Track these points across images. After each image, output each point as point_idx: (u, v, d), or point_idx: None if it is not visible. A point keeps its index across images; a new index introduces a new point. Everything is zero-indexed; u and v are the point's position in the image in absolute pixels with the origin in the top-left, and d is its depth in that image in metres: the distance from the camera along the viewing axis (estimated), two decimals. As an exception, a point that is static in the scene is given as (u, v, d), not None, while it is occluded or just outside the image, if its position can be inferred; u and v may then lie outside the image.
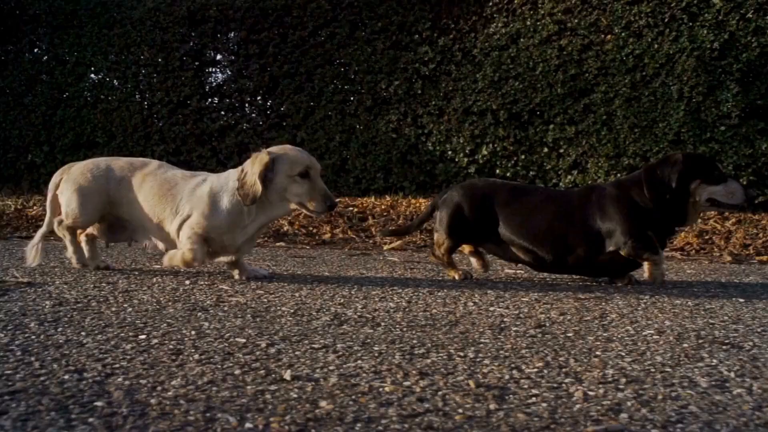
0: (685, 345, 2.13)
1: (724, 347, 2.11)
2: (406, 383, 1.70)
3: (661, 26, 6.93)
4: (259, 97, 8.15)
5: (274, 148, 3.14)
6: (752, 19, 6.71)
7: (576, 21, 7.09)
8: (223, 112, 8.12)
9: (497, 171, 7.32)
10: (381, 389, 1.65)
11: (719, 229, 5.67)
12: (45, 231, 3.49)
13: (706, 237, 5.47)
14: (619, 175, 6.95)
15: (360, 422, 1.44)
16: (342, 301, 2.82)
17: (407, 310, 2.65)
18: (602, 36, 7.07)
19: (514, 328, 2.34)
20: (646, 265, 3.34)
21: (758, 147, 6.70)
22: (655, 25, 6.94)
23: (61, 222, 3.42)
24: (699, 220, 5.99)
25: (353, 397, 1.59)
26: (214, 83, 8.22)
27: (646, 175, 3.25)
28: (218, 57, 8.16)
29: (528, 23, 7.20)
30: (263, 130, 7.93)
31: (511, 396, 1.61)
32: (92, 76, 8.42)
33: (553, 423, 1.44)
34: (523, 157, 7.24)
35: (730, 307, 2.81)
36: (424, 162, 7.57)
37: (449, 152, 7.43)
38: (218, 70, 8.23)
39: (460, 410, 1.51)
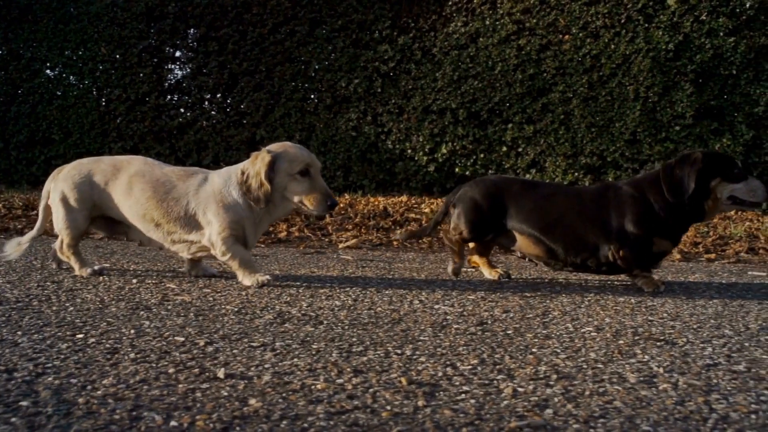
0: (621, 342, 2.16)
1: (658, 343, 2.14)
2: (339, 381, 1.70)
3: (617, 27, 7.01)
4: (218, 95, 8.09)
5: (273, 146, 3.06)
6: (706, 21, 6.82)
7: (534, 21, 7.15)
8: (182, 110, 8.04)
9: (456, 170, 7.35)
10: (313, 387, 1.65)
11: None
12: (34, 235, 3.40)
13: (659, 235, 5.53)
14: (576, 174, 7.02)
15: (286, 419, 1.44)
16: (288, 299, 2.81)
17: (352, 308, 2.65)
18: (560, 36, 7.14)
19: (456, 326, 2.35)
20: (636, 280, 3.29)
21: (712, 146, 6.81)
22: (612, 26, 7.02)
23: (61, 245, 3.29)
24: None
25: (284, 394, 1.59)
26: (173, 80, 8.14)
27: (665, 174, 3.18)
28: (177, 54, 8.08)
29: (487, 23, 7.23)
30: (222, 127, 7.87)
31: (441, 393, 1.62)
32: (48, 71, 8.29)
33: (478, 419, 1.45)
34: (482, 155, 7.28)
35: (671, 304, 2.85)
36: (384, 160, 7.57)
37: (409, 151, 7.44)
38: (177, 66, 8.15)
39: (389, 407, 1.52)
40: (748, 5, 6.80)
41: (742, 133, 6.81)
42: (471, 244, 3.59)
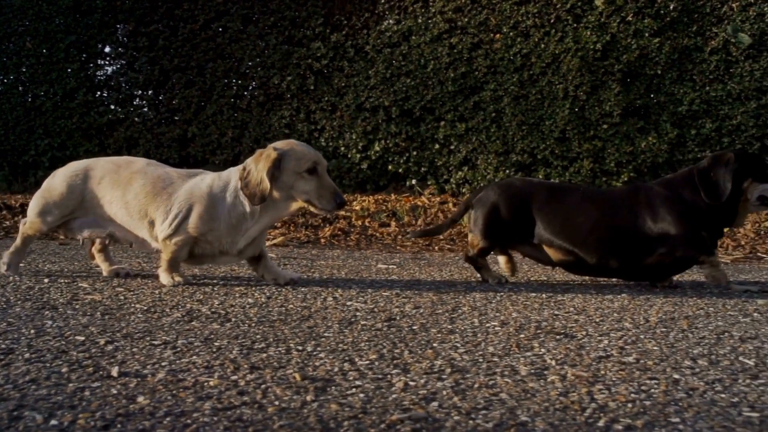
0: (522, 335, 2.20)
1: (557, 337, 2.18)
2: (234, 377, 1.70)
3: (547, 27, 7.12)
4: (149, 91, 7.97)
5: (278, 144, 2.97)
6: (632, 22, 6.97)
7: (466, 20, 7.21)
8: (112, 106, 7.91)
9: (389, 167, 7.38)
10: (206, 384, 1.64)
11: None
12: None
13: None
14: (508, 172, 7.12)
15: (171, 416, 1.43)
16: (201, 297, 2.79)
17: (264, 305, 2.64)
18: (491, 35, 7.22)
19: (363, 322, 2.36)
20: (705, 268, 3.27)
21: (638, 144, 6.97)
22: (542, 25, 7.13)
23: (25, 224, 3.21)
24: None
25: (174, 392, 1.58)
26: (103, 76, 7.99)
27: (701, 176, 3.13)
28: (107, 49, 7.94)
29: (419, 21, 7.28)
30: (153, 124, 7.76)
31: (333, 388, 1.63)
32: (-28, 66, 8.07)
33: (362, 413, 1.46)
34: (414, 153, 7.32)
35: (580, 299, 2.92)
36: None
37: (342, 148, 7.45)
38: (106, 62, 8.01)
39: (276, 402, 1.52)
40: (672, 7, 6.98)
41: (667, 132, 6.98)
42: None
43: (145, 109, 7.95)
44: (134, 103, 7.99)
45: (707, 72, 6.98)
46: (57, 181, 3.14)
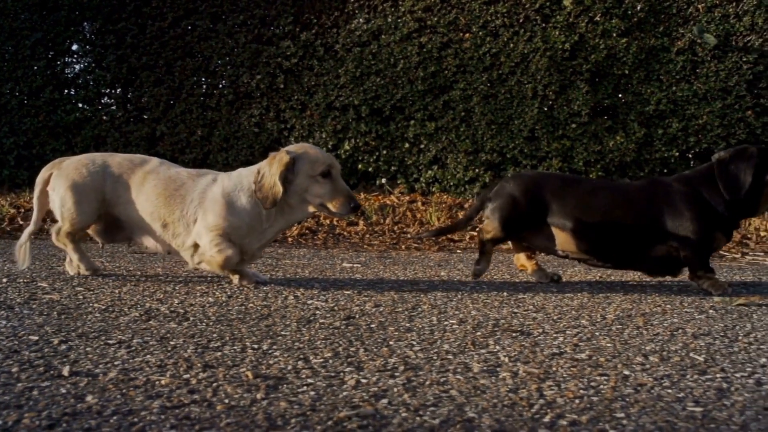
0: (478, 333, 2.21)
1: (513, 334, 2.20)
2: (186, 376, 1.70)
3: (516, 26, 7.15)
4: (118, 89, 7.90)
5: (292, 147, 2.96)
6: (600, 22, 7.02)
7: (435, 19, 7.23)
8: (79, 104, 7.82)
9: (359, 166, 7.37)
10: (157, 382, 1.64)
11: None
12: (32, 230, 3.21)
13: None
14: (478, 171, 7.14)
15: (118, 415, 1.42)
16: (161, 296, 2.78)
17: (224, 304, 2.63)
18: (461, 34, 7.24)
19: (322, 321, 2.37)
20: (701, 282, 3.18)
21: (606, 144, 7.03)
22: (511, 25, 7.16)
23: (59, 231, 3.13)
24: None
25: (124, 390, 1.58)
26: (70, 74, 7.90)
27: (720, 170, 3.10)
28: (74, 47, 7.85)
29: (389, 20, 7.28)
30: (122, 122, 7.69)
31: (284, 386, 1.63)
32: (-64, 64, 7.95)
33: (311, 410, 1.46)
34: (384, 152, 7.33)
35: (541, 297, 2.94)
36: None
37: (312, 147, 7.42)
38: (73, 60, 7.92)
39: (226, 400, 1.52)
40: (639, 8, 7.04)
41: (635, 131, 7.04)
42: (504, 246, 3.36)
43: (113, 108, 7.87)
44: (102, 101, 7.91)
45: (674, 72, 7.05)
46: (78, 179, 3.07)
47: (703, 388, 1.65)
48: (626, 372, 1.78)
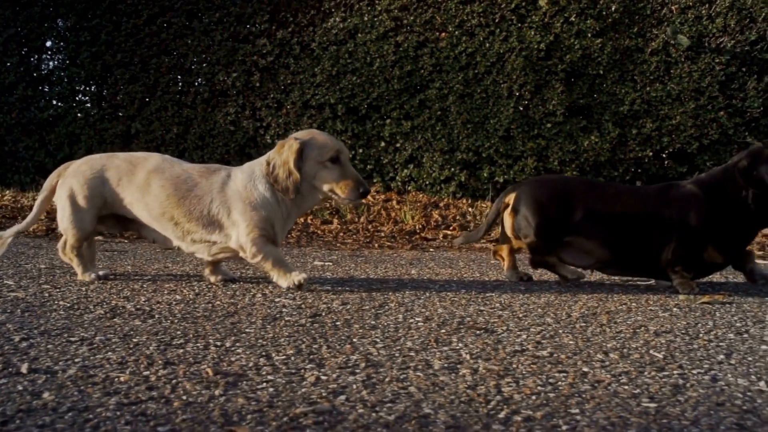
0: (443, 331, 2.22)
1: (477, 332, 2.21)
2: (146, 373, 1.69)
3: (492, 26, 7.18)
4: (93, 86, 7.84)
5: (299, 134, 2.91)
6: (575, 23, 7.07)
7: (412, 18, 7.24)
8: (53, 101, 7.76)
9: (335, 165, 7.37)
10: (116, 379, 1.63)
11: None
12: (21, 228, 3.14)
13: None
14: (452, 169, 7.16)
15: (73, 411, 1.42)
16: (128, 294, 2.77)
17: (191, 302, 2.63)
18: (437, 34, 7.25)
19: (288, 318, 2.37)
20: (673, 278, 3.16)
21: (581, 143, 7.07)
22: (487, 24, 7.18)
23: (64, 245, 3.07)
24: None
25: (82, 387, 1.57)
26: (44, 70, 7.84)
27: (741, 173, 3.05)
28: (48, 43, 7.79)
29: (365, 19, 7.28)
30: (96, 120, 7.64)
31: (244, 382, 1.63)
32: None
33: (268, 406, 1.46)
34: (360, 150, 7.33)
35: (508, 295, 2.95)
36: (263, 155, 7.51)
37: (288, 145, 7.40)
38: (48, 56, 7.85)
39: (184, 397, 1.52)
40: (613, 8, 7.09)
41: (609, 131, 7.09)
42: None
43: (88, 105, 7.82)
44: (76, 98, 7.84)
45: (648, 73, 7.11)
46: (76, 187, 3.01)
47: (659, 385, 1.67)
48: (585, 369, 1.80)
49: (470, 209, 6.49)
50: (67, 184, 3.02)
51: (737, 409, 1.50)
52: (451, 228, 5.76)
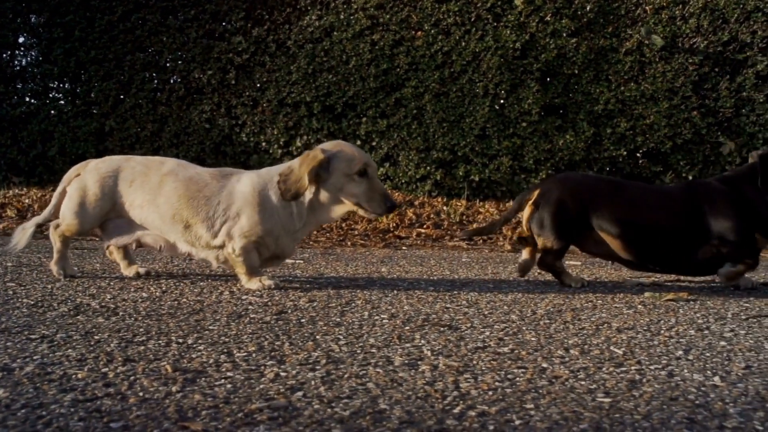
0: (407, 328, 2.22)
1: (441, 329, 2.22)
2: (104, 370, 1.68)
3: (468, 25, 7.20)
4: (67, 83, 7.78)
5: (327, 145, 2.87)
6: (550, 22, 7.11)
7: (388, 17, 7.25)
8: (26, 98, 7.68)
9: (311, 163, 7.36)
10: (73, 376, 1.62)
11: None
12: (40, 221, 3.14)
13: (497, 227, 5.74)
14: (428, 168, 7.17)
15: (26, 408, 1.41)
16: (94, 292, 2.75)
17: (156, 299, 2.61)
18: (413, 32, 7.27)
19: (253, 315, 2.36)
20: (739, 267, 3.17)
21: (556, 142, 7.11)
22: (463, 23, 7.21)
23: (57, 227, 3.04)
24: (495, 212, 6.29)
25: (38, 384, 1.56)
26: (17, 67, 7.76)
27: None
28: (20, 39, 7.72)
29: (341, 17, 7.28)
30: (70, 117, 7.58)
31: (202, 379, 1.63)
32: None
33: (224, 402, 1.46)
34: (336, 149, 7.31)
35: (476, 293, 2.96)
36: (238, 153, 7.50)
37: (263, 143, 7.40)
38: (20, 53, 7.78)
39: (141, 393, 1.51)
40: (588, 8, 7.14)
41: (584, 130, 7.14)
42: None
43: (61, 102, 7.75)
44: (50, 95, 7.77)
45: (622, 72, 7.17)
46: (89, 182, 3.00)
47: (616, 380, 1.69)
48: (545, 365, 1.81)
49: (445, 207, 6.50)
50: (83, 179, 3.02)
51: (690, 404, 1.52)
52: (424, 226, 5.77)
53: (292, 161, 2.89)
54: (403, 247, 5.16)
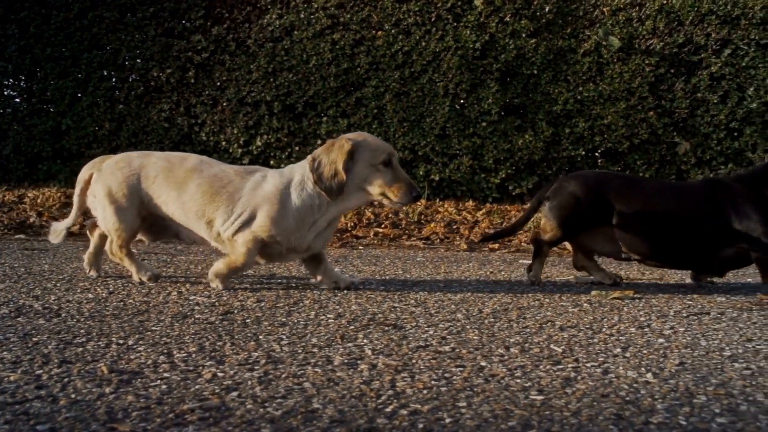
0: (352, 327, 2.23)
1: (386, 328, 2.23)
2: (39, 372, 1.67)
3: (428, 25, 7.22)
4: (21, 81, 7.66)
5: (351, 135, 2.85)
6: (510, 23, 7.15)
7: (348, 16, 7.24)
8: (-20, 96, 7.56)
9: (272, 162, 7.32)
10: (6, 378, 1.61)
11: (468, 218, 6.00)
12: (69, 224, 3.12)
13: (454, 227, 5.77)
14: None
15: (-49, 413, 1.39)
16: (39, 293, 2.72)
17: (103, 300, 2.59)
18: (373, 32, 7.27)
19: (198, 316, 2.35)
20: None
21: (515, 142, 7.16)
22: (423, 23, 7.22)
23: (111, 245, 2.99)
24: (454, 211, 6.32)
25: (-34, 388, 1.54)
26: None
27: None
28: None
29: (302, 16, 7.26)
30: (25, 115, 7.46)
31: (138, 380, 1.62)
32: None
33: (156, 403, 1.46)
34: (297, 148, 7.31)
35: (425, 292, 2.97)
36: (198, 152, 7.42)
37: (223, 143, 7.35)
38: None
39: (73, 395, 1.50)
40: (547, 9, 7.20)
41: (543, 130, 7.19)
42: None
43: (16, 100, 7.63)
44: (4, 93, 7.65)
45: (580, 73, 7.23)
46: (113, 185, 2.96)
47: (551, 378, 1.71)
48: (483, 363, 1.82)
49: (403, 207, 6.50)
50: (105, 182, 2.97)
51: (620, 400, 1.54)
52: (382, 226, 5.77)
53: (316, 153, 2.86)
54: (360, 247, 5.16)
